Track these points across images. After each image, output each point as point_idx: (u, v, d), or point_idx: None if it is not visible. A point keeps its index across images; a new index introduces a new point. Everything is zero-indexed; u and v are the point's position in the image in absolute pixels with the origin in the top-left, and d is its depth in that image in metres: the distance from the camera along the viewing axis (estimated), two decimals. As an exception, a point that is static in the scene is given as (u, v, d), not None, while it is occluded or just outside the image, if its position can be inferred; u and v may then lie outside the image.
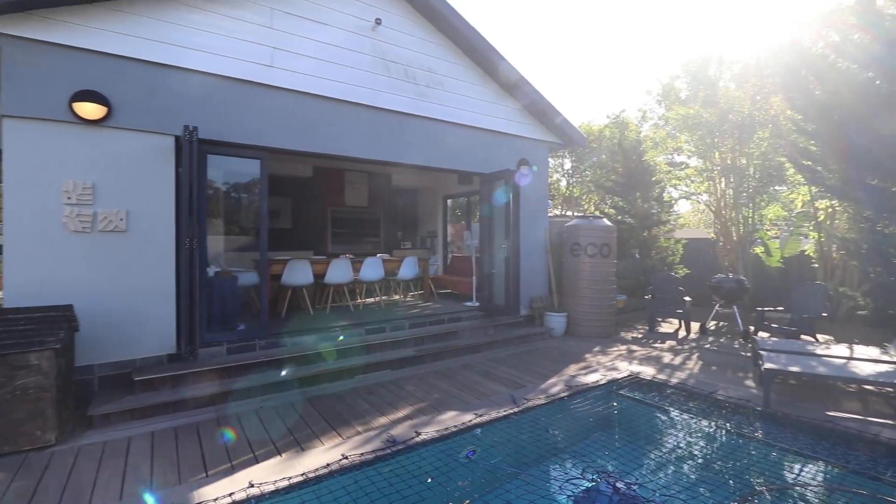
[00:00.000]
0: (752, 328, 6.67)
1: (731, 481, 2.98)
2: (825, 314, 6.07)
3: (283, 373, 4.64)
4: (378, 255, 8.48)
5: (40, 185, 3.93)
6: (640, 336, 7.22)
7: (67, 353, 3.64)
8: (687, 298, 7.43)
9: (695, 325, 7.59)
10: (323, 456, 3.03)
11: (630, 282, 9.57)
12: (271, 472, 2.82)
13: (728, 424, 3.77)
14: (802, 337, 5.83)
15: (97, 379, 4.14)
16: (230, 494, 2.55)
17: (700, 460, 3.46)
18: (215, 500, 2.51)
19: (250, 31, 4.92)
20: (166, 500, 2.54)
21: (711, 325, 8.07)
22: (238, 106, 4.89)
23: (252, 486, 2.63)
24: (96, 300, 4.11)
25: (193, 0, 4.59)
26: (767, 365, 4.10)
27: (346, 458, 2.97)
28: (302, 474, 2.76)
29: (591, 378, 4.79)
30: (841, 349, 4.72)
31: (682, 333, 7.35)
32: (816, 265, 8.62)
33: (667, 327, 7.91)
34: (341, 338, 5.44)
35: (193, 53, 4.60)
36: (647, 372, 5.05)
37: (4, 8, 3.70)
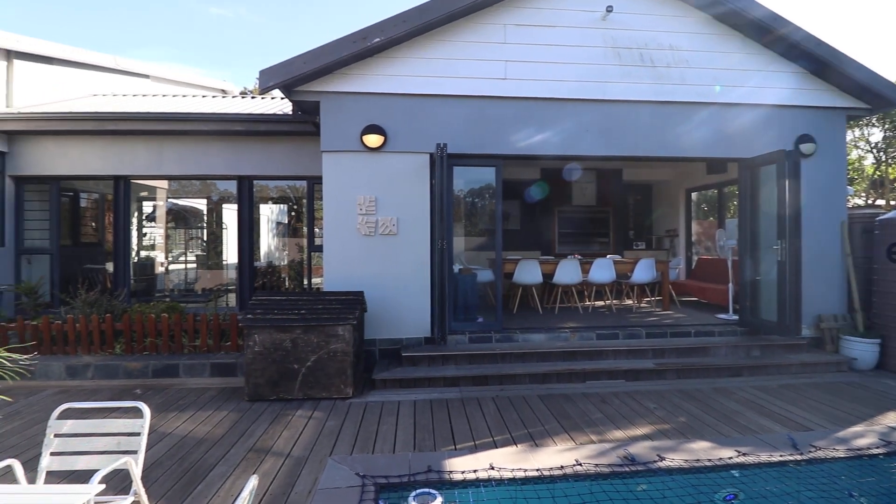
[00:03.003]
0: None
1: None
2: None
3: (518, 367, 4.89)
4: (608, 255, 8.06)
5: (344, 200, 5.23)
6: None
7: (360, 328, 4.74)
8: None
9: None
10: (556, 457, 3.04)
11: None
12: (508, 460, 2.99)
13: None
14: None
15: (378, 351, 5.25)
16: (474, 471, 2.83)
17: None
18: (462, 472, 2.83)
19: (486, 50, 5.35)
20: (425, 462, 3.00)
21: None
22: (477, 120, 5.40)
23: (492, 468, 2.86)
24: (377, 288, 5.20)
25: (442, 34, 5.29)
26: None
27: (581, 464, 2.90)
28: (537, 470, 2.84)
29: (930, 436, 3.37)
30: None
31: None
32: None
33: None
34: (571, 339, 5.40)
35: (441, 80, 5.30)
36: None
37: (322, 71, 5.05)
